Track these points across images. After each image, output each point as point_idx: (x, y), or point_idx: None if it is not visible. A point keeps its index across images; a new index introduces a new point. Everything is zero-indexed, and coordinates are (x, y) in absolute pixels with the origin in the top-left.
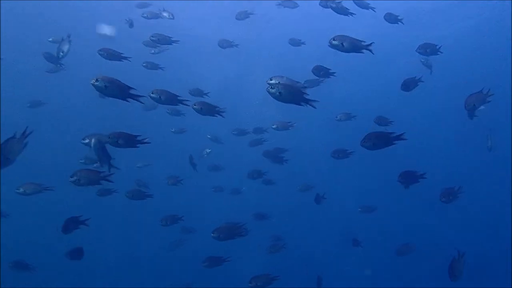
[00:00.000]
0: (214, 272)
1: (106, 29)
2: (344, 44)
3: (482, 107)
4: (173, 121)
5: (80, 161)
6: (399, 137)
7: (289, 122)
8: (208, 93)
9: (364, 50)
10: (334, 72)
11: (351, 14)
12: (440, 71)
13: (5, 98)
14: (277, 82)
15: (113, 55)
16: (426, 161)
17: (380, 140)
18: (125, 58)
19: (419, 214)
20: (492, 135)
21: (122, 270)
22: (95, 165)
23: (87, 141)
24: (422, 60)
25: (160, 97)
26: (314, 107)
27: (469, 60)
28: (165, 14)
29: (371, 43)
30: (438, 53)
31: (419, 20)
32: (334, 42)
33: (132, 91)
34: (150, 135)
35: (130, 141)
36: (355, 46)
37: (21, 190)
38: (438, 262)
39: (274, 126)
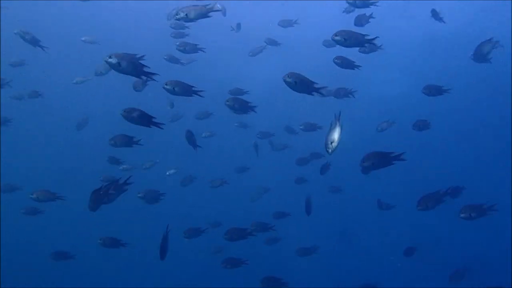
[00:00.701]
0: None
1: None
2: (346, 39)
3: None
4: (201, 126)
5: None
6: (398, 157)
7: (316, 124)
8: (247, 91)
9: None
10: (360, 66)
11: (374, 3)
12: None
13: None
14: (293, 73)
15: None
16: (426, 160)
17: (379, 160)
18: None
19: (419, 214)
20: None
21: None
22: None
23: (112, 142)
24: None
25: (174, 88)
26: (324, 95)
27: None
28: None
29: (375, 37)
30: (497, 46)
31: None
32: (337, 38)
33: (146, 69)
34: (178, 142)
35: (144, 118)
36: (358, 41)
37: (34, 196)
38: (439, 261)
39: (301, 127)
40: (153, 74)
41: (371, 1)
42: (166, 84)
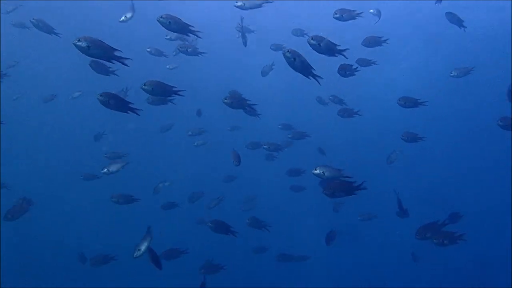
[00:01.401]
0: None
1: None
2: (321, 44)
3: None
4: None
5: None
6: (359, 187)
7: (304, 132)
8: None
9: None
10: (357, 68)
11: (358, 15)
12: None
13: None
14: (293, 50)
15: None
16: (426, 160)
17: (340, 189)
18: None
19: (419, 215)
20: None
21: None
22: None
23: (105, 170)
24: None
25: (152, 88)
26: (319, 83)
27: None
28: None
29: (346, 49)
30: None
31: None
32: (312, 42)
33: (117, 53)
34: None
35: (122, 104)
36: (330, 49)
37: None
38: (439, 262)
39: (289, 136)
40: (124, 58)
41: (355, 13)
42: (144, 85)
